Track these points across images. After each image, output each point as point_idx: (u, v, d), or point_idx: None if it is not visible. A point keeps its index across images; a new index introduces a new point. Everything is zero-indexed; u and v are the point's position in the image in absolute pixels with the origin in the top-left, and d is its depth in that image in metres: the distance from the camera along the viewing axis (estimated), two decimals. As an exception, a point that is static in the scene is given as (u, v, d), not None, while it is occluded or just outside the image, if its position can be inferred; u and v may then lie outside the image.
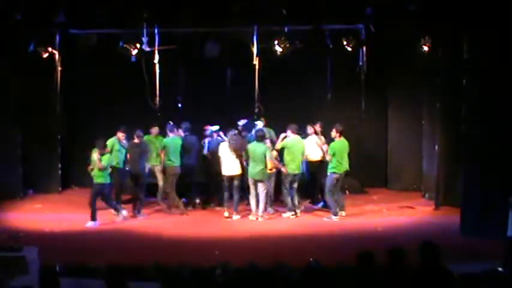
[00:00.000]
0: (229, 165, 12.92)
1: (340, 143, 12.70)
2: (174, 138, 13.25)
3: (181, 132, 13.43)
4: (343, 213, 12.87)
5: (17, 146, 14.55)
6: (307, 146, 13.20)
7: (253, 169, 12.59)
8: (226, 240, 11.28)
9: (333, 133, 12.76)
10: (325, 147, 12.99)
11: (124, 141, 13.01)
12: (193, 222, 12.68)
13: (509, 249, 8.97)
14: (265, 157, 12.47)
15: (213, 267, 7.96)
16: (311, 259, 8.51)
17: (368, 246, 7.27)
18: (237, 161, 12.90)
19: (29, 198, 14.59)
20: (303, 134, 13.33)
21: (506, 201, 10.16)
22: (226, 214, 12.95)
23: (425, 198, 14.31)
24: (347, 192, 14.66)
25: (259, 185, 12.62)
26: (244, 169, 12.91)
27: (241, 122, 13.77)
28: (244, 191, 13.09)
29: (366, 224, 12.33)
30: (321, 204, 13.56)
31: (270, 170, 12.74)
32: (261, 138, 12.64)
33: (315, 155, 13.43)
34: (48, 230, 11.92)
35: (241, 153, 12.86)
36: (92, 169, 12.18)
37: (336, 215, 12.70)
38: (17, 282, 7.52)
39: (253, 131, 13.18)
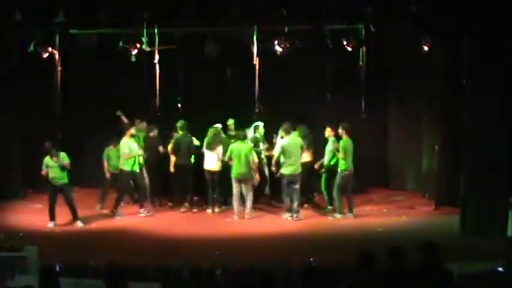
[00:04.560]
0: (210, 161, 13.21)
1: (349, 141, 12.72)
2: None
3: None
4: (351, 215, 12.85)
5: (17, 146, 14.55)
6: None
7: (237, 169, 12.61)
8: (226, 240, 11.28)
9: (340, 131, 12.76)
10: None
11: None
12: (193, 222, 12.68)
13: (509, 249, 8.98)
14: (249, 157, 12.51)
15: (213, 267, 7.97)
16: (311, 259, 8.51)
17: (368, 246, 7.26)
18: (217, 157, 13.15)
19: (29, 198, 14.60)
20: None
21: (506, 201, 10.19)
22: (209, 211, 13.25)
23: (425, 198, 14.31)
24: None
25: (244, 184, 12.62)
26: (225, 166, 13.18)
27: (230, 122, 13.91)
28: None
29: (366, 224, 12.33)
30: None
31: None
32: (243, 138, 12.73)
33: (305, 157, 13.51)
34: (48, 230, 11.93)
35: (213, 151, 13.17)
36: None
37: (340, 213, 12.70)
38: (17, 282, 7.53)
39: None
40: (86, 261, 8.87)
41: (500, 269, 8.08)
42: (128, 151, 12.80)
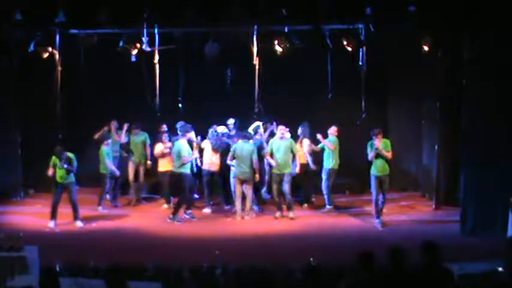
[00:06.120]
0: (210, 162, 13.26)
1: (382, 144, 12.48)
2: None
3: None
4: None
5: (17, 146, 14.55)
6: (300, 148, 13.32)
7: (240, 169, 12.59)
8: (226, 240, 11.27)
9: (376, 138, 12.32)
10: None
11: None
12: (193, 222, 12.68)
13: (509, 249, 8.97)
14: (251, 157, 12.50)
15: (213, 267, 7.97)
16: (311, 259, 8.51)
17: (368, 246, 7.27)
18: (217, 158, 13.25)
19: (29, 198, 14.60)
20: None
21: (506, 202, 10.19)
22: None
23: (425, 198, 14.31)
24: (347, 192, 14.69)
25: (245, 185, 12.62)
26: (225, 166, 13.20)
27: (230, 121, 13.88)
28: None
29: (366, 224, 12.33)
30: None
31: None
32: (247, 138, 12.73)
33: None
34: (48, 230, 11.93)
35: (217, 152, 13.23)
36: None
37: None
38: (17, 282, 7.53)
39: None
40: (86, 261, 8.86)
41: (500, 269, 8.09)
42: (188, 155, 12.48)
